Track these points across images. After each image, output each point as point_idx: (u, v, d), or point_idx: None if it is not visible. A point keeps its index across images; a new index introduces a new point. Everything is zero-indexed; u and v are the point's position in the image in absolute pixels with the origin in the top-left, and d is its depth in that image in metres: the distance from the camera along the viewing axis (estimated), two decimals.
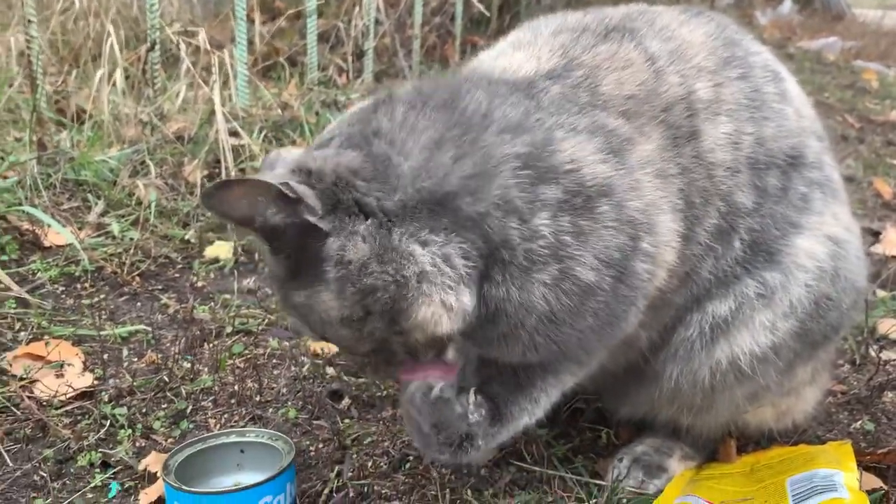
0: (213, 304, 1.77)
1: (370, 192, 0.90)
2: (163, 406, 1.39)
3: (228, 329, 1.65)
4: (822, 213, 1.14)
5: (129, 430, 1.31)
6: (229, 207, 0.89)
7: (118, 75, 2.40)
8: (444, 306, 0.91)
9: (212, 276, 1.90)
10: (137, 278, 1.84)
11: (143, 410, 1.37)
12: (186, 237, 2.02)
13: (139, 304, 1.76)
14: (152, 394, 1.41)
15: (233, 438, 1.21)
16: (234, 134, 2.42)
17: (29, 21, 2.17)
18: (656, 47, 1.09)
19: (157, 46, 2.48)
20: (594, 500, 1.16)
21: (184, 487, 1.07)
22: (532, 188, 0.92)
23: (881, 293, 1.98)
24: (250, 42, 3.68)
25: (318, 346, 1.55)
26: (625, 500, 1.17)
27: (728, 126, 1.07)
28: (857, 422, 1.42)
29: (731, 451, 1.25)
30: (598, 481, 1.20)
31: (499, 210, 0.91)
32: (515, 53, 1.11)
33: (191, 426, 1.35)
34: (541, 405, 1.08)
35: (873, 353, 1.62)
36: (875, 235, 2.43)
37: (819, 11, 7.72)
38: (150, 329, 1.63)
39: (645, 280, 0.99)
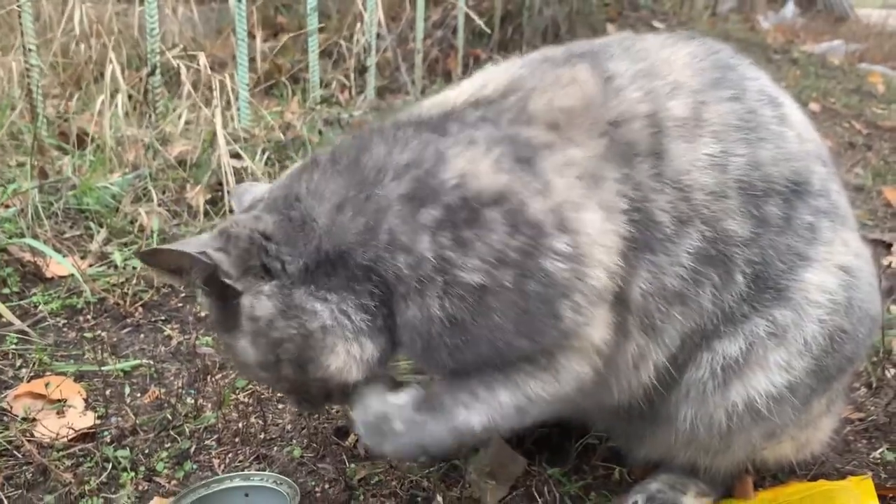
0: (216, 334, 1.74)
1: (279, 255, 1.02)
2: (166, 446, 1.36)
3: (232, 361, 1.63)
4: (832, 241, 1.10)
5: (132, 473, 1.28)
6: (161, 269, 1.05)
7: (120, 99, 2.38)
8: (350, 355, 1.02)
9: None
10: (140, 309, 1.82)
11: (146, 451, 1.35)
12: None
13: (142, 335, 1.73)
14: (155, 433, 1.39)
15: (237, 482, 1.19)
16: (236, 156, 2.41)
17: (29, 49, 2.16)
18: (619, 67, 1.08)
19: (158, 70, 2.47)
20: None
21: None
22: (413, 218, 0.98)
23: (895, 309, 1.94)
24: (252, 60, 3.68)
25: None
26: None
27: (713, 147, 1.04)
28: (876, 450, 1.38)
29: (748, 487, 1.22)
30: None
31: (387, 252, 0.98)
32: (465, 84, 1.14)
33: (195, 467, 1.32)
34: (484, 401, 1.02)
35: (889, 376, 1.59)
36: (887, 247, 2.40)
37: (822, 14, 7.69)
38: (152, 363, 1.61)
39: (564, 278, 0.96)
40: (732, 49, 1.16)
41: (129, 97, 2.59)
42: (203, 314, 1.82)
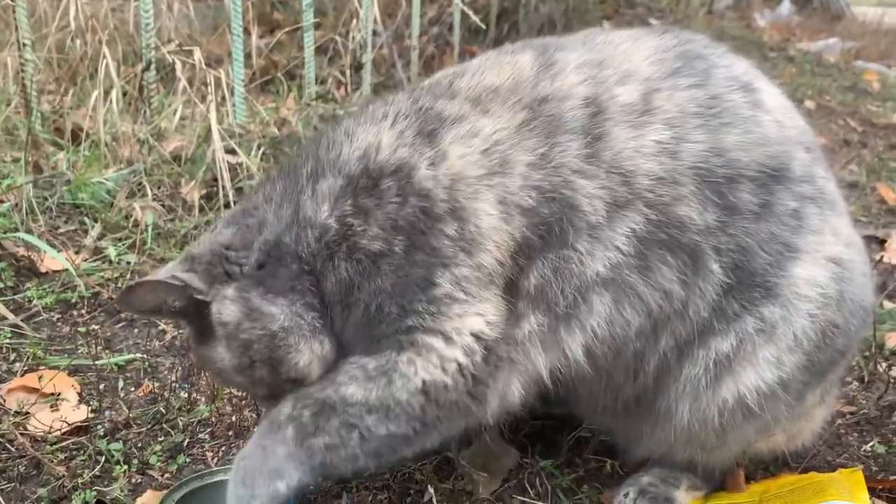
0: None
1: (237, 259, 1.07)
2: (159, 439, 1.36)
3: None
4: (821, 230, 1.09)
5: (125, 466, 1.28)
6: (140, 305, 1.08)
7: (114, 94, 2.38)
8: (313, 353, 1.05)
9: None
10: None
11: (139, 444, 1.35)
12: None
13: (136, 330, 1.73)
14: (148, 426, 1.39)
15: (231, 474, 1.18)
16: (231, 151, 2.40)
17: (23, 44, 2.16)
18: (567, 57, 1.09)
19: (153, 65, 2.46)
20: None
21: None
22: (314, 191, 1.05)
23: (888, 305, 1.95)
24: (248, 56, 3.67)
25: None
26: None
27: (663, 133, 1.04)
28: (867, 444, 1.39)
29: (739, 480, 1.23)
30: None
31: (301, 230, 1.05)
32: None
33: (188, 460, 1.32)
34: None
35: (882, 370, 1.60)
36: (881, 243, 2.40)
37: (818, 11, 7.69)
38: (146, 357, 1.61)
39: (448, 255, 0.99)
40: (707, 40, 1.15)
41: (125, 93, 2.59)
42: None
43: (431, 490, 1.21)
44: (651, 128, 1.03)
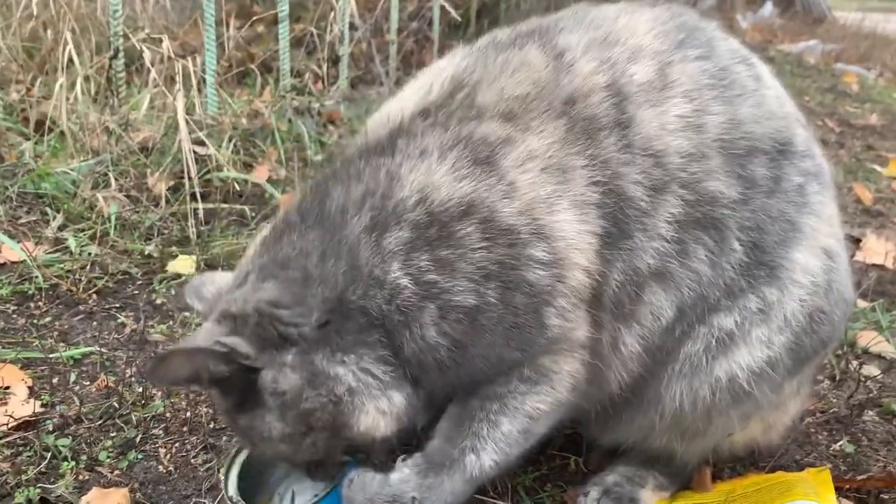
0: (172, 322, 1.70)
1: (292, 320, 0.95)
2: (111, 435, 1.32)
3: None
4: (821, 215, 1.07)
5: (73, 463, 1.24)
6: (174, 376, 0.96)
7: (79, 84, 2.33)
8: (379, 411, 0.97)
9: (173, 292, 1.83)
10: (94, 296, 1.77)
11: (90, 440, 1.30)
12: (147, 251, 1.94)
13: (95, 323, 1.68)
14: (100, 421, 1.34)
15: None
16: (201, 143, 2.36)
17: None
18: (570, 40, 1.04)
19: (121, 54, 2.41)
20: None
21: None
22: (379, 247, 0.94)
23: (862, 303, 1.94)
24: (224, 48, 3.62)
25: None
26: None
27: (684, 107, 1.01)
28: (836, 443, 1.37)
29: (706, 479, 1.20)
30: None
31: (370, 288, 0.94)
32: (407, 91, 1.11)
33: (139, 457, 1.28)
34: (489, 438, 1.00)
35: (853, 369, 1.58)
36: (856, 242, 2.39)
37: (800, 14, 7.73)
38: (104, 350, 1.56)
39: (546, 286, 0.94)
40: (698, 14, 1.13)
41: (96, 82, 2.53)
42: (160, 302, 1.78)
43: None
44: (671, 102, 1.01)
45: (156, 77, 2.44)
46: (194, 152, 2.28)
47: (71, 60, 2.35)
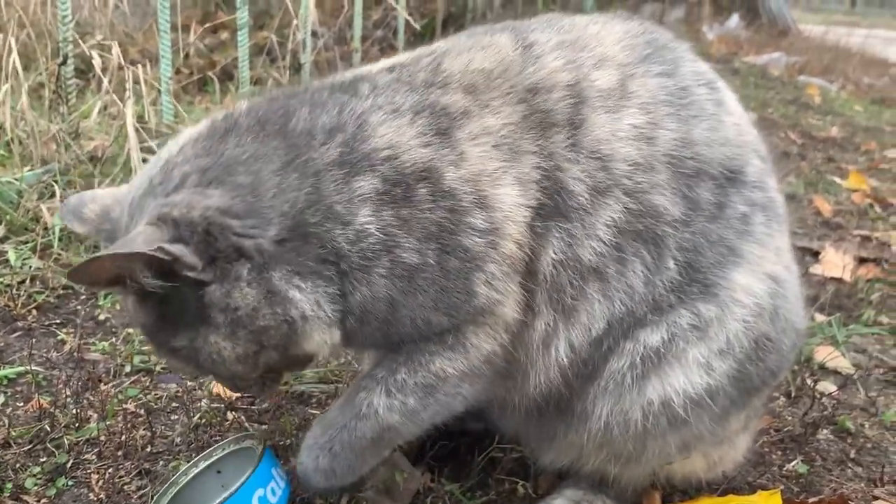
0: (114, 339, 1.64)
1: (246, 231, 0.91)
2: (41, 460, 1.26)
3: (127, 368, 1.53)
4: (765, 245, 1.05)
5: None
6: (98, 278, 0.91)
7: (24, 90, 2.25)
8: (323, 341, 0.97)
9: (118, 307, 1.77)
10: (34, 312, 1.70)
11: (17, 466, 1.24)
12: None
13: (34, 340, 1.62)
14: (30, 446, 1.28)
15: (203, 464, 1.14)
16: (153, 152, 2.29)
17: None
18: (541, 37, 1.06)
19: (70, 60, 2.34)
20: None
21: None
22: (347, 185, 0.93)
23: (819, 317, 1.93)
24: (186, 56, 3.55)
25: (220, 388, 1.43)
26: None
27: (638, 118, 1.01)
28: (790, 463, 1.35)
29: (655, 502, 1.17)
30: None
31: (328, 221, 0.92)
32: (386, 59, 1.11)
33: (69, 483, 1.22)
34: (384, 380, 1.02)
35: (809, 385, 1.56)
36: (815, 255, 2.40)
37: (765, 26, 7.82)
38: (40, 370, 1.50)
39: (479, 252, 0.95)
40: (671, 34, 1.12)
41: (49, 89, 2.46)
42: (103, 317, 1.72)
43: None
44: (627, 112, 1.01)
45: (107, 84, 2.38)
46: (146, 161, 2.22)
47: (16, 67, 2.28)
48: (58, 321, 1.69)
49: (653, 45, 1.07)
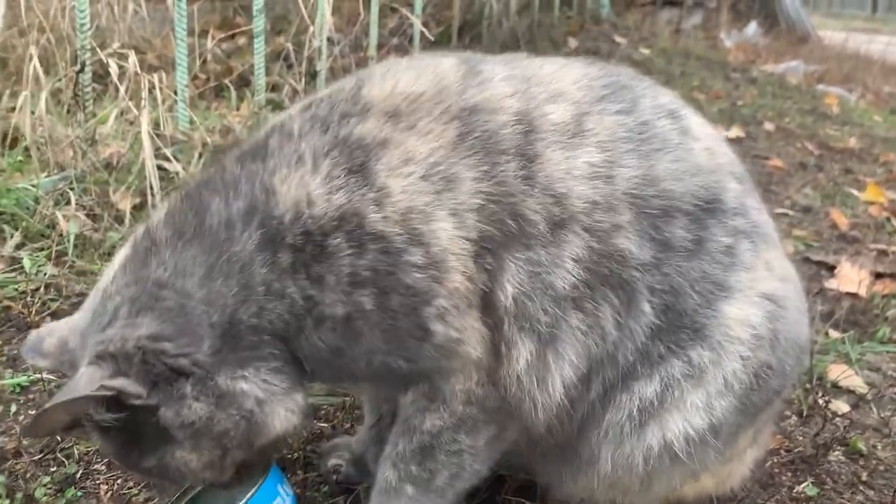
0: None
1: (180, 351, 0.92)
2: (51, 470, 1.27)
3: None
4: (753, 266, 1.03)
5: (7, 502, 1.19)
6: (54, 428, 0.95)
7: (44, 97, 2.28)
8: (288, 411, 0.97)
9: None
10: (48, 319, 1.71)
11: (28, 475, 1.25)
12: None
13: None
14: (40, 455, 1.29)
15: None
16: (169, 159, 2.31)
17: None
18: (493, 69, 1.02)
19: (88, 68, 2.36)
20: None
21: None
22: (276, 265, 0.93)
23: (834, 334, 1.91)
24: (204, 61, 3.57)
25: None
26: None
27: (595, 156, 0.97)
28: (800, 485, 1.34)
29: None
30: None
31: (268, 302, 0.93)
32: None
33: (79, 494, 1.23)
34: (391, 458, 1.04)
35: (821, 404, 1.55)
36: (830, 269, 2.38)
37: (784, 34, 7.77)
38: (52, 378, 1.51)
39: (423, 288, 0.92)
40: (633, 73, 1.11)
41: (67, 96, 2.49)
42: None
43: None
44: (583, 150, 0.98)
45: (123, 92, 2.40)
46: (163, 168, 2.24)
47: (37, 74, 2.31)
48: None
49: (611, 86, 1.04)
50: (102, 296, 0.99)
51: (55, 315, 1.73)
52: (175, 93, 2.67)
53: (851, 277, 2.29)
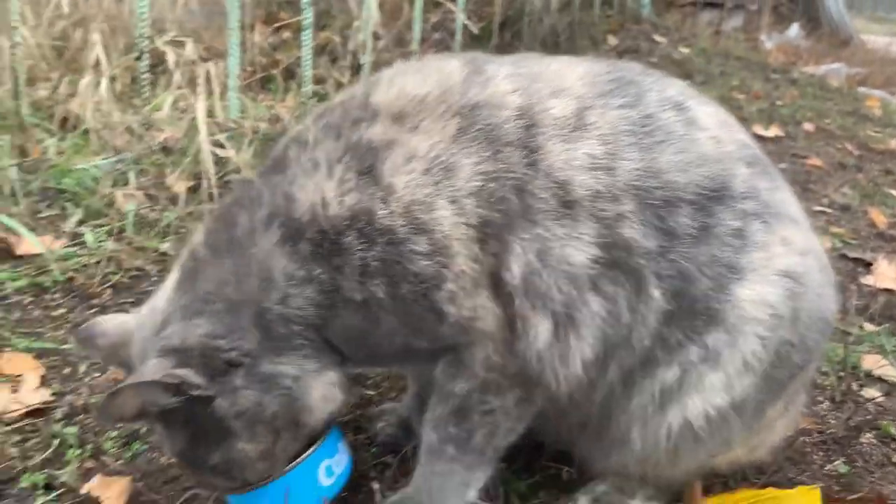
0: None
1: (231, 346, 1.02)
2: (117, 426, 1.35)
3: None
4: (767, 245, 1.05)
5: (79, 451, 1.27)
6: (124, 412, 1.00)
7: (104, 83, 2.38)
8: (325, 385, 1.06)
9: None
10: (109, 291, 1.81)
11: (96, 430, 1.34)
12: (163, 249, 1.99)
13: None
14: None
15: None
16: (221, 145, 2.40)
17: (14, 27, 2.16)
18: (496, 67, 1.07)
19: (145, 55, 2.47)
20: None
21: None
22: (296, 253, 1.00)
23: (869, 327, 1.93)
24: (249, 52, 3.67)
25: None
26: None
27: (596, 149, 1.01)
28: (831, 463, 1.37)
29: (696, 493, 1.21)
30: None
31: (293, 288, 1.00)
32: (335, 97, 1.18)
33: (143, 448, 1.31)
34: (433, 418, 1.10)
35: (855, 390, 1.58)
36: (867, 266, 2.39)
37: (826, 36, 7.69)
38: None
39: (431, 274, 0.98)
40: (642, 68, 1.14)
41: (122, 83, 2.60)
42: None
43: (376, 485, 1.20)
44: (583, 141, 1.01)
45: (179, 79, 2.49)
46: (214, 154, 2.33)
47: (98, 60, 2.41)
48: (131, 300, 1.79)
49: (617, 81, 1.07)
50: (153, 312, 1.08)
51: (115, 287, 1.82)
52: (225, 82, 2.77)
53: (888, 274, 2.30)
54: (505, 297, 1.00)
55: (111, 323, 1.15)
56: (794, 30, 7.52)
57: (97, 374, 1.51)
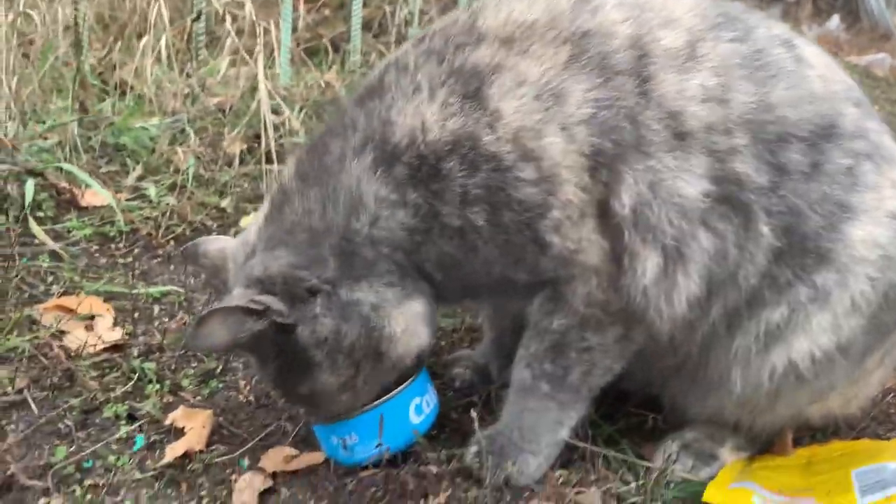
0: None
1: (311, 275, 1.02)
2: (192, 365, 1.35)
3: None
4: (878, 186, 1.03)
5: (158, 386, 1.27)
6: (213, 338, 0.99)
7: (163, 44, 2.38)
8: (407, 315, 1.03)
9: None
10: (172, 242, 1.81)
11: (173, 367, 1.33)
12: (223, 205, 1.98)
13: (172, 266, 1.72)
14: (182, 352, 1.37)
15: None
16: (275, 111, 2.40)
17: None
18: None
19: (202, 16, 2.46)
20: (640, 482, 1.09)
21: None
22: (388, 176, 0.99)
23: None
24: (294, 29, 3.68)
25: None
26: (672, 485, 1.11)
27: (709, 80, 0.99)
28: None
29: (787, 443, 1.18)
30: (645, 462, 1.14)
31: (385, 209, 0.99)
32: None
33: (220, 386, 1.31)
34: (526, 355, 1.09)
35: None
36: None
37: (866, 30, 7.58)
38: (182, 291, 1.60)
39: (537, 202, 0.96)
40: (744, 6, 1.11)
41: (173, 46, 2.59)
42: None
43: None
44: (696, 72, 0.99)
45: (235, 40, 2.49)
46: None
47: (155, 22, 2.41)
48: None
49: (725, 15, 1.05)
50: (244, 242, 1.09)
51: (177, 239, 1.82)
52: (275, 49, 2.76)
53: None
54: (613, 230, 0.98)
55: (213, 245, 1.16)
56: (835, 21, 7.40)
57: (166, 319, 1.51)
